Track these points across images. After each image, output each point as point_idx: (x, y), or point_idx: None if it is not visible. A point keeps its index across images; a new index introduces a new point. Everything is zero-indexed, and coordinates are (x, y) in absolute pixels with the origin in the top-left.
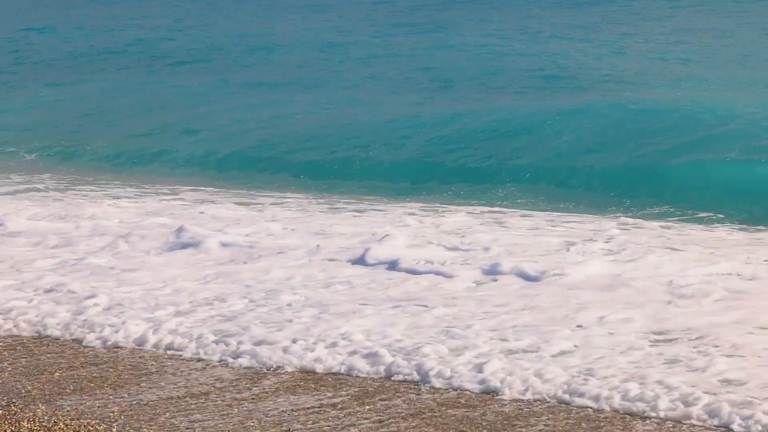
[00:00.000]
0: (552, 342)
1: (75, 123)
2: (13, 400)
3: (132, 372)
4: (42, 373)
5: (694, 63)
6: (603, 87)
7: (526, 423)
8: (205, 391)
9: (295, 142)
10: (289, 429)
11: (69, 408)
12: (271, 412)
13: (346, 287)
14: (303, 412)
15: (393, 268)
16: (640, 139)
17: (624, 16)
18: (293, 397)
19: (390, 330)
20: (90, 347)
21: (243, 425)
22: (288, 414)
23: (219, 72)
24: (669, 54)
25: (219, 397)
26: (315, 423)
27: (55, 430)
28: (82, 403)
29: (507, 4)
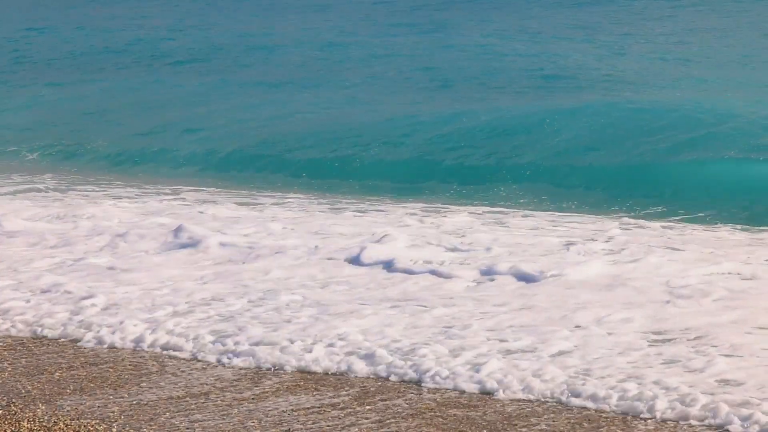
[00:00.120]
0: (551, 342)
1: (75, 123)
2: (13, 400)
3: (132, 372)
4: (42, 373)
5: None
6: (604, 87)
7: (526, 423)
8: (205, 391)
9: (296, 141)
10: (290, 429)
11: (69, 408)
12: (272, 412)
13: (344, 287)
14: (303, 412)
15: (392, 268)
16: (642, 139)
17: (624, 16)
18: (293, 397)
19: (388, 330)
20: (90, 347)
21: (243, 425)
22: (288, 414)
23: (219, 72)
24: (669, 54)
25: (219, 397)
26: (315, 423)
27: (55, 430)
28: (82, 403)
29: (507, 4)
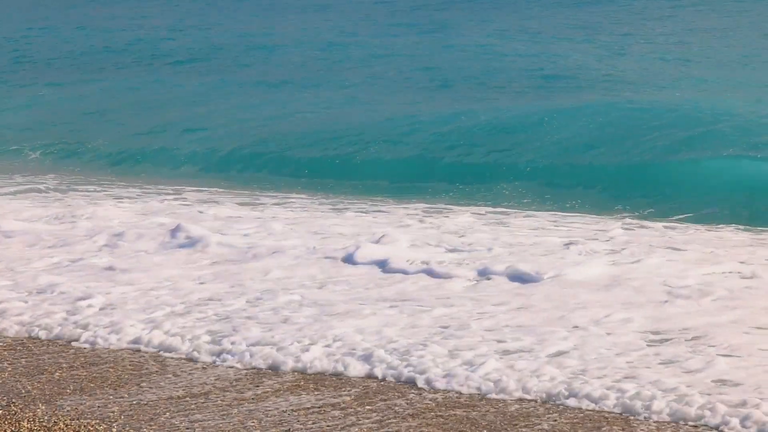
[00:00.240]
0: (549, 342)
1: (76, 122)
2: (13, 400)
3: (132, 372)
4: (42, 373)
5: (694, 63)
6: (604, 87)
7: (527, 423)
8: (205, 391)
9: (296, 141)
10: (290, 429)
11: (69, 408)
12: (272, 412)
13: (343, 287)
14: (303, 412)
15: (392, 268)
16: (642, 139)
17: (624, 16)
18: (293, 397)
19: (387, 330)
20: (90, 347)
21: (243, 425)
22: (288, 414)
23: (219, 72)
24: (669, 54)
25: (219, 397)
26: (315, 423)
27: (55, 430)
28: (82, 403)
29: (507, 4)
